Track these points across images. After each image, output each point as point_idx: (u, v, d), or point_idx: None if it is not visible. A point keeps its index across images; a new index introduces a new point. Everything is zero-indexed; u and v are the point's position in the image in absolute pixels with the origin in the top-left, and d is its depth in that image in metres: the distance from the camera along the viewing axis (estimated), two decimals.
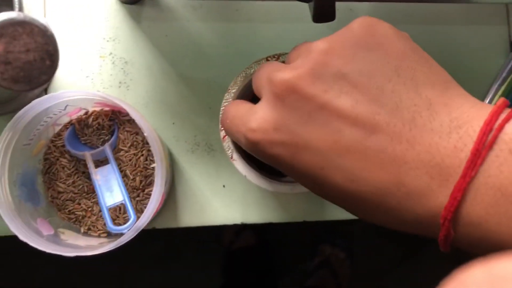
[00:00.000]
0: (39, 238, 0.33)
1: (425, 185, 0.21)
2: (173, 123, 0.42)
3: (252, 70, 0.34)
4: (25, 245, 0.33)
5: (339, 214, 0.42)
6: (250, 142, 0.24)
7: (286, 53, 0.33)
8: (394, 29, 0.24)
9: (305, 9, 0.42)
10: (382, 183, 0.21)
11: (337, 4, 0.31)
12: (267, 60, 0.34)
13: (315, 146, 0.22)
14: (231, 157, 0.34)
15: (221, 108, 0.34)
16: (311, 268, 1.11)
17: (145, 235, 0.34)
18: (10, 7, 0.36)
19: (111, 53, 0.42)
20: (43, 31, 0.21)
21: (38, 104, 0.34)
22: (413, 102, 0.22)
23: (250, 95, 0.37)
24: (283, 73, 0.23)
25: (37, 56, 0.21)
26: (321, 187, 0.24)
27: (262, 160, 0.26)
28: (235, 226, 1.09)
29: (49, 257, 0.36)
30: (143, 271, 1.12)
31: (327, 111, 0.22)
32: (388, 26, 0.23)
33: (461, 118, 0.21)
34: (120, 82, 0.42)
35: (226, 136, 0.34)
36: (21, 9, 0.32)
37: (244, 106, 0.26)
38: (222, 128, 0.34)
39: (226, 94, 0.34)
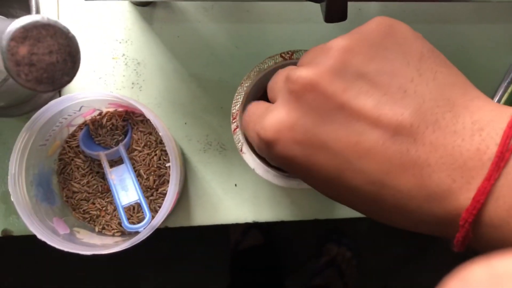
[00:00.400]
0: (56, 237, 0.34)
1: (447, 188, 0.20)
2: (185, 123, 0.42)
3: (266, 65, 0.34)
4: (40, 244, 0.33)
5: (350, 212, 0.42)
6: (262, 140, 0.24)
7: (300, 50, 0.34)
8: (411, 30, 0.23)
9: (315, 10, 0.42)
10: (404, 186, 0.21)
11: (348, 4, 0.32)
12: (281, 56, 0.34)
13: (334, 148, 0.22)
14: (241, 150, 0.34)
15: (233, 102, 0.34)
16: (318, 267, 1.12)
17: (153, 235, 0.34)
18: (27, 10, 0.37)
19: (123, 55, 0.42)
20: (65, 33, 0.22)
21: (54, 106, 0.34)
22: (436, 103, 0.21)
23: (261, 90, 0.37)
24: (301, 71, 0.23)
25: (60, 57, 0.22)
26: (336, 190, 0.23)
27: (273, 162, 0.26)
28: (242, 226, 1.10)
29: (53, 257, 0.36)
30: (150, 271, 1.12)
31: (347, 111, 0.21)
32: (405, 27, 0.23)
33: (482, 121, 0.21)
34: (132, 83, 0.42)
35: (237, 129, 0.34)
36: (38, 11, 0.33)
37: (264, 105, 0.26)
38: (233, 121, 0.34)
39: (239, 88, 0.34)
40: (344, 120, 0.22)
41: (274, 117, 0.23)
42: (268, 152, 0.24)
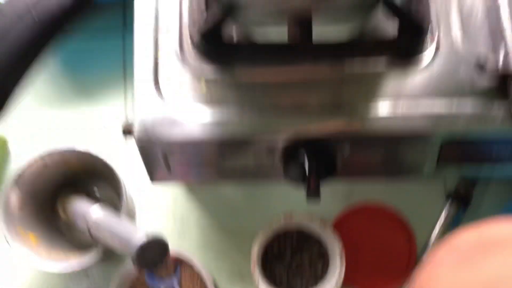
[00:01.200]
0: None
1: None
2: (216, 259, 0.60)
3: (274, 225, 0.53)
4: None
5: None
6: None
7: (298, 211, 0.52)
8: None
9: None
10: None
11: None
12: (285, 217, 0.53)
13: None
14: (257, 283, 0.52)
15: (251, 250, 0.52)
16: None
17: None
18: (109, 190, 0.56)
19: (173, 213, 0.61)
20: (163, 242, 0.41)
21: None
22: None
23: (264, 248, 0.55)
24: None
25: (156, 254, 0.40)
26: None
27: None
28: None
29: None
30: None
31: None
32: None
33: None
34: (178, 233, 0.61)
35: (255, 267, 0.52)
36: (126, 194, 0.52)
37: None
38: (253, 262, 0.52)
39: (253, 245, 0.52)
40: None
41: None
42: None
